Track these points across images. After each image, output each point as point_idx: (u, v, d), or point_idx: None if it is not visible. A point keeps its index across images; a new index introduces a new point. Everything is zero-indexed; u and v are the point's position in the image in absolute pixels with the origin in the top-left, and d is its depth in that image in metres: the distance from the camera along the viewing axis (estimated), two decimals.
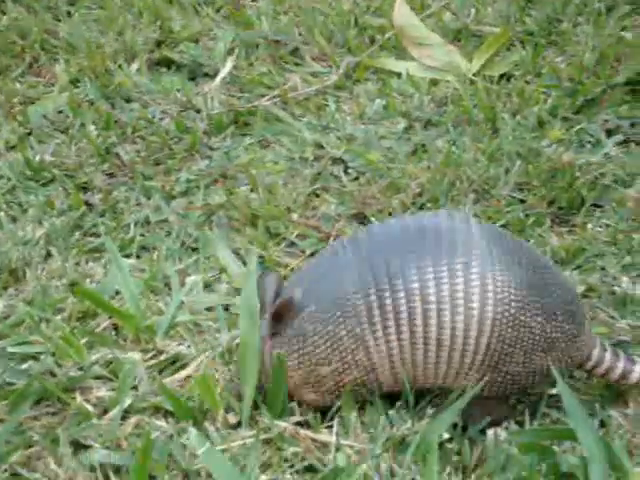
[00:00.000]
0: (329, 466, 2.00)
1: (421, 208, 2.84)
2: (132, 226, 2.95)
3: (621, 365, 2.15)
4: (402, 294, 2.02)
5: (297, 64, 3.81)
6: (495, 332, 2.03)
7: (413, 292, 2.02)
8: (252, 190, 3.03)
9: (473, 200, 2.84)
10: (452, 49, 3.55)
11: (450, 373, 2.07)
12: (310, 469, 2.05)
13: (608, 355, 2.16)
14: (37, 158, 3.29)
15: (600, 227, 2.72)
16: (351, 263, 2.07)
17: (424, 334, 2.02)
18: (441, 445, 2.03)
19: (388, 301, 2.02)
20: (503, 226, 2.72)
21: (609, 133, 3.10)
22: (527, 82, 3.40)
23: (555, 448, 1.99)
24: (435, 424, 2.04)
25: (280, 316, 2.11)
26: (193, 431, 2.01)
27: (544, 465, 1.97)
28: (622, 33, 3.54)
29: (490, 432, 2.06)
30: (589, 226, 2.70)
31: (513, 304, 2.03)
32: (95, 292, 2.54)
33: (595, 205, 2.82)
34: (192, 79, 3.82)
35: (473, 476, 1.98)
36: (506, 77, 3.50)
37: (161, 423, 2.19)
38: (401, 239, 2.08)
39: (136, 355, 2.37)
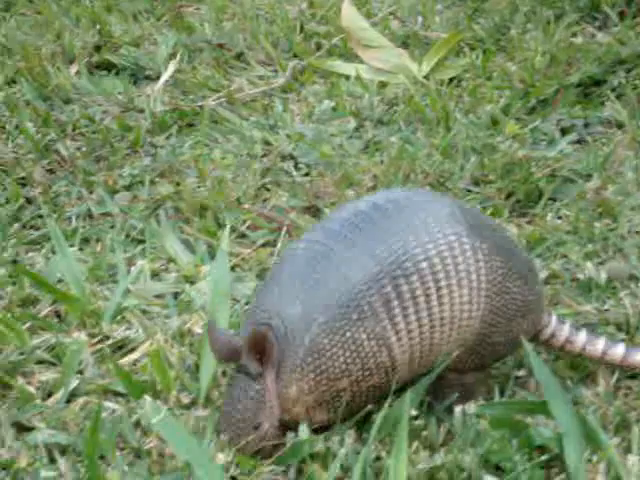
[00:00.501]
0: (291, 440, 1.89)
1: None
2: (74, 219, 2.84)
3: (583, 336, 2.08)
4: (415, 277, 1.88)
5: (242, 68, 3.73)
6: (488, 303, 1.94)
7: (424, 272, 1.89)
8: (200, 183, 2.92)
9: None
10: (401, 52, 3.51)
11: (451, 350, 1.95)
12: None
13: (567, 325, 2.09)
14: None
15: (560, 218, 2.66)
16: (347, 258, 1.89)
17: (440, 314, 1.90)
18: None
19: (404, 288, 1.88)
20: None
21: (563, 132, 3.06)
22: (478, 85, 3.35)
23: (528, 420, 1.91)
24: (403, 401, 1.93)
25: (260, 347, 1.86)
26: (148, 399, 1.88)
27: (516, 439, 1.88)
28: (572, 39, 3.52)
29: (458, 409, 1.96)
30: (548, 217, 2.65)
31: (500, 271, 1.95)
32: (38, 274, 2.41)
33: (552, 199, 2.76)
34: (133, 83, 3.71)
35: (442, 451, 1.88)
36: (456, 80, 3.45)
37: (111, 404, 2.06)
38: (383, 218, 1.92)
39: (82, 336, 2.24)
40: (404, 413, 1.84)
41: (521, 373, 2.13)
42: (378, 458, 1.89)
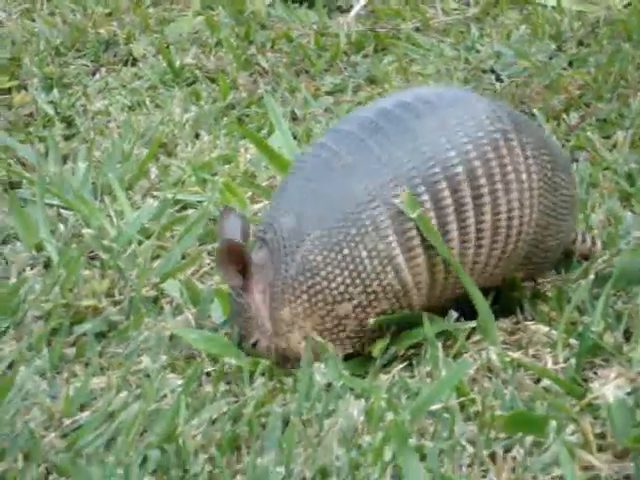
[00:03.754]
0: None
1: (587, 105, 2.73)
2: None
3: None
4: (443, 184, 1.67)
5: (434, 1, 3.73)
6: (541, 203, 1.76)
7: (457, 178, 1.67)
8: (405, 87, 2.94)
9: None
10: None
11: (500, 267, 1.75)
12: None
13: None
14: (178, 63, 3.23)
15: None
16: (352, 163, 1.69)
17: (476, 225, 1.69)
18: None
19: (424, 197, 1.66)
20: None
21: None
22: None
23: None
24: None
25: (236, 258, 1.68)
26: None
27: None
28: None
29: None
30: None
31: (549, 165, 1.76)
32: (263, 139, 2.47)
33: None
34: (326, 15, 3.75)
35: None
36: None
37: None
38: (410, 118, 1.70)
39: None
40: None
41: None
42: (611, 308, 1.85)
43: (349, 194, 1.67)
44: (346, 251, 1.66)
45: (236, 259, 1.67)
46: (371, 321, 1.69)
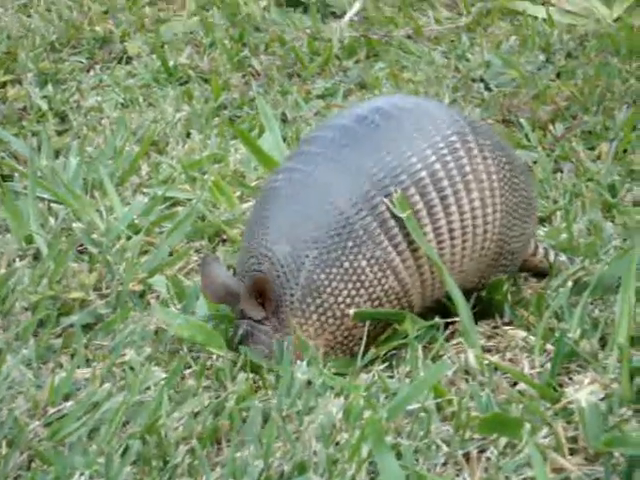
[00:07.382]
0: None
1: (573, 117, 2.78)
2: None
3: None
4: (413, 190, 1.73)
5: (426, 9, 3.78)
6: (503, 203, 1.81)
7: (423, 182, 1.74)
8: (396, 93, 2.98)
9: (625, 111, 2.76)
10: None
11: (471, 267, 1.81)
12: None
13: None
14: (171, 62, 3.26)
15: None
16: (330, 181, 1.74)
17: (447, 225, 1.76)
18: None
19: None
20: None
21: None
22: None
23: None
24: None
25: (261, 293, 1.72)
26: None
27: None
28: None
29: None
30: None
31: (506, 167, 1.82)
32: (254, 140, 2.51)
33: None
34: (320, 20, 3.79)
35: None
36: None
37: None
38: (370, 130, 1.76)
39: None
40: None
41: None
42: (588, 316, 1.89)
43: (336, 209, 1.72)
44: (347, 264, 1.71)
45: (260, 293, 1.71)
46: (351, 312, 1.73)
